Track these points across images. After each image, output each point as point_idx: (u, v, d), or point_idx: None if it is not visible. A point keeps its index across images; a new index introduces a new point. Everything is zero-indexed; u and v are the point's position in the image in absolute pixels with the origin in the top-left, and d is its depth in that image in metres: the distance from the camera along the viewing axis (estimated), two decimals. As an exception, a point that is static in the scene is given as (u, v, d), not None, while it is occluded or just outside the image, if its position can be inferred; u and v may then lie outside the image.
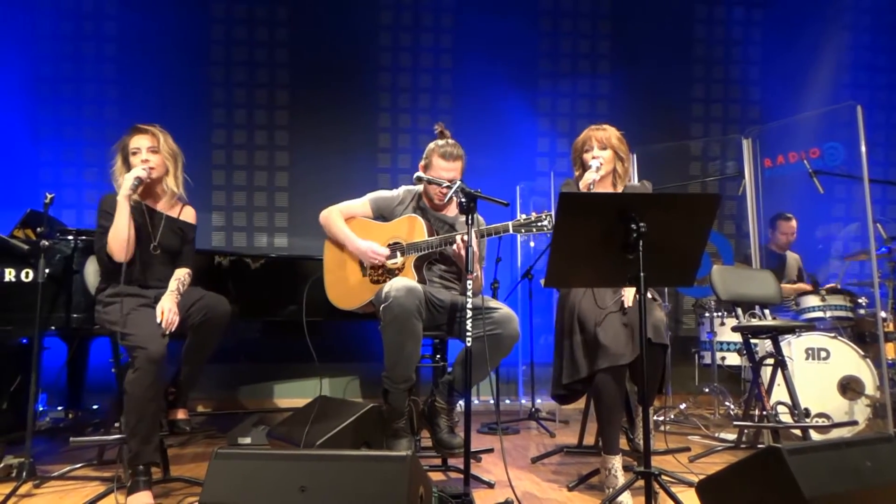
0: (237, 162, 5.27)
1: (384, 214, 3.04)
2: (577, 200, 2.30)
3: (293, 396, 4.87)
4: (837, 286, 4.59)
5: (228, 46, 5.29)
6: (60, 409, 3.83)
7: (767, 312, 3.85)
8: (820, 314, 4.30)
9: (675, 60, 5.74)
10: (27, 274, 2.83)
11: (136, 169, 2.64)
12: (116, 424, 2.67)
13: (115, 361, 2.91)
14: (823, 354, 3.80)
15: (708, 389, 4.60)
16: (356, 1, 5.40)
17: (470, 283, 2.36)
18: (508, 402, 5.20)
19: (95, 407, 3.97)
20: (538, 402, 4.62)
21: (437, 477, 2.94)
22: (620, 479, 2.53)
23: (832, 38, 5.83)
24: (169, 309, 2.55)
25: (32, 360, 2.72)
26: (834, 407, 3.72)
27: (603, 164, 2.73)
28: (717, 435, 3.92)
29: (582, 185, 2.68)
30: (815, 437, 3.41)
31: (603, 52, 5.70)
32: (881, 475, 1.85)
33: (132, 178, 2.60)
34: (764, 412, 3.35)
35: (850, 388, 3.74)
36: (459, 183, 2.50)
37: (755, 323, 3.61)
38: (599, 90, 5.68)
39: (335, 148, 5.28)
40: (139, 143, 2.70)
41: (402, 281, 2.63)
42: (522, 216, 2.65)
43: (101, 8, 5.16)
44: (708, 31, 5.83)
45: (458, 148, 2.88)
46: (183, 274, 2.78)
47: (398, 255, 2.91)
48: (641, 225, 2.11)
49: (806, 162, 4.25)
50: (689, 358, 4.87)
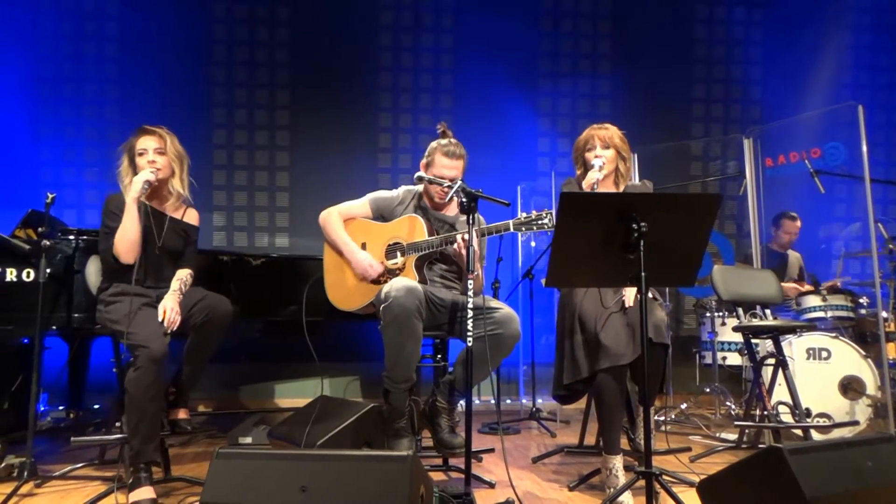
0: (238, 162, 5.28)
1: (384, 215, 3.04)
2: (577, 200, 2.30)
3: (294, 396, 4.87)
4: (838, 284, 4.60)
5: (229, 46, 5.29)
6: (61, 408, 3.83)
7: (768, 312, 3.85)
8: (821, 314, 4.30)
9: (675, 60, 5.73)
10: (28, 274, 2.83)
11: (144, 172, 2.64)
12: (117, 424, 2.67)
13: (116, 361, 2.92)
14: (824, 354, 3.80)
15: (709, 389, 4.60)
16: (357, 1, 5.40)
17: (471, 282, 2.37)
18: (509, 401, 5.20)
19: (96, 407, 3.97)
20: (539, 401, 4.62)
21: (438, 477, 2.94)
22: (621, 478, 2.53)
23: (833, 37, 5.82)
24: (171, 308, 2.56)
25: (34, 359, 2.72)
26: (835, 407, 3.72)
27: (605, 163, 2.72)
28: (718, 435, 3.92)
29: (585, 184, 2.67)
30: (816, 437, 3.41)
31: (604, 52, 5.70)
32: (882, 475, 1.85)
33: (142, 181, 2.60)
34: (765, 412, 3.35)
35: (851, 388, 3.73)
36: (461, 183, 2.50)
37: (756, 323, 3.61)
38: (600, 90, 5.67)
39: (336, 148, 5.28)
40: (146, 144, 2.71)
41: (402, 281, 2.63)
42: (523, 214, 2.65)
43: (101, 8, 5.16)
44: (709, 30, 5.82)
45: (460, 147, 2.90)
46: (185, 274, 2.79)
47: (398, 255, 2.91)
48: (642, 225, 2.11)
49: (807, 162, 4.25)
50: (690, 358, 4.87)
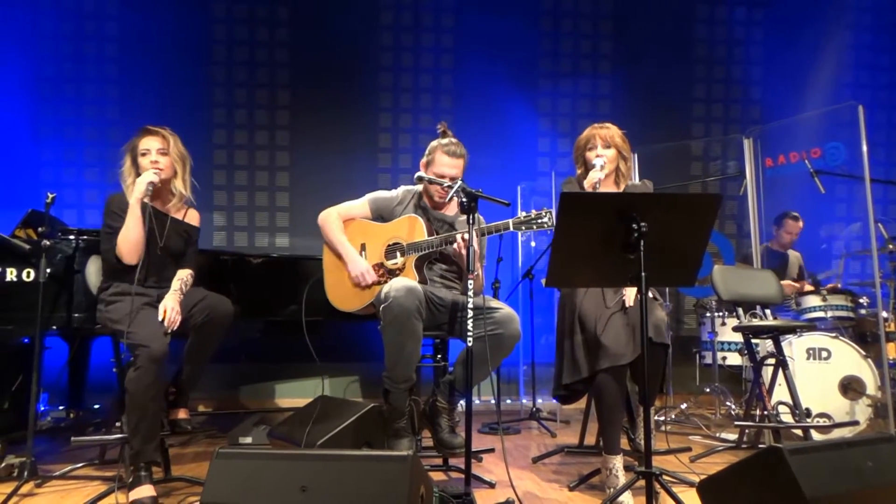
0: (238, 162, 5.28)
1: (383, 215, 3.04)
2: (577, 200, 2.30)
3: (294, 396, 4.88)
4: (838, 286, 4.60)
5: (229, 46, 5.29)
6: (62, 408, 3.83)
7: (768, 312, 3.85)
8: (821, 314, 4.30)
9: (676, 60, 5.73)
10: (28, 273, 2.83)
11: (147, 173, 2.64)
12: (118, 424, 2.67)
13: (116, 361, 2.92)
14: (824, 354, 3.80)
15: (709, 389, 4.60)
16: (357, 1, 5.40)
17: (471, 282, 2.37)
18: (509, 401, 5.20)
19: (96, 406, 3.97)
20: (539, 401, 4.62)
21: (438, 477, 2.94)
22: (621, 478, 2.53)
23: (833, 37, 5.82)
24: (172, 308, 2.57)
25: (34, 359, 2.72)
26: (835, 407, 3.72)
27: (607, 162, 2.72)
28: (718, 435, 3.92)
29: (587, 183, 2.67)
30: (816, 437, 3.41)
31: (604, 52, 5.70)
32: (882, 475, 1.85)
33: (146, 182, 2.60)
34: (765, 412, 3.35)
35: (851, 388, 3.73)
36: (461, 183, 2.50)
37: (756, 323, 3.61)
38: (600, 90, 5.67)
39: (336, 148, 5.28)
40: (149, 144, 2.71)
41: (402, 281, 2.63)
42: (522, 213, 2.65)
43: (102, 8, 5.16)
44: (709, 30, 5.82)
45: (461, 147, 2.91)
46: (186, 274, 2.80)
47: (398, 255, 2.91)
48: (642, 225, 2.11)
49: (807, 162, 4.25)
50: (690, 358, 4.87)
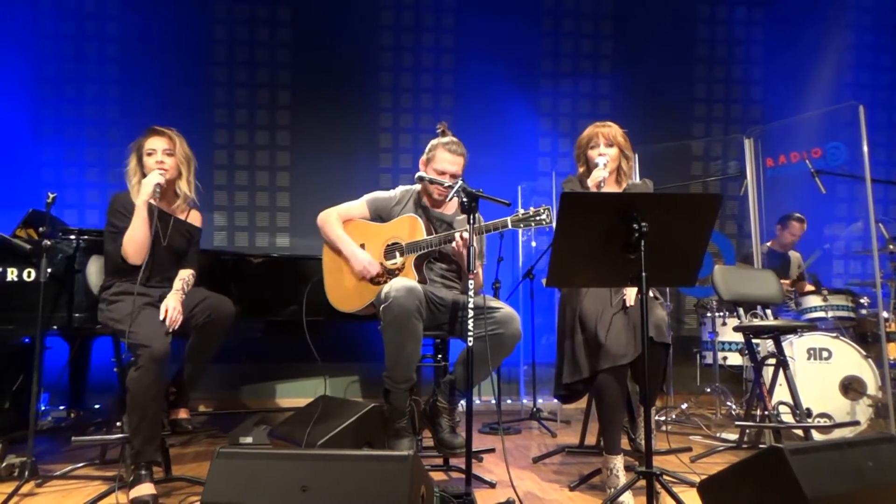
0: (239, 162, 5.28)
1: (382, 215, 3.04)
2: (578, 200, 2.30)
3: (295, 396, 4.88)
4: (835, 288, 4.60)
5: (230, 46, 5.29)
6: (62, 408, 3.83)
7: (769, 312, 3.84)
8: (822, 314, 4.30)
9: (676, 60, 5.73)
10: (29, 273, 2.83)
11: (153, 174, 2.65)
12: (118, 424, 2.67)
13: (116, 361, 2.92)
14: (825, 354, 3.80)
15: (710, 389, 4.60)
16: (357, 1, 5.40)
17: (471, 282, 2.36)
18: (510, 401, 5.20)
19: (97, 406, 3.97)
20: (539, 401, 4.62)
21: (438, 477, 2.94)
22: (622, 478, 2.53)
23: (834, 37, 5.82)
24: (173, 307, 2.57)
25: (34, 359, 2.72)
26: (836, 407, 3.72)
27: (609, 161, 2.73)
28: (718, 435, 3.92)
29: (591, 182, 2.67)
30: (816, 437, 3.41)
31: (605, 51, 5.70)
32: (883, 475, 1.85)
33: (153, 184, 2.61)
34: (766, 412, 3.35)
35: (851, 388, 3.73)
36: (461, 182, 2.50)
37: (757, 323, 3.61)
38: (601, 90, 5.67)
39: (336, 148, 5.28)
40: (155, 144, 2.72)
41: (402, 281, 2.63)
42: (521, 211, 2.65)
43: (102, 8, 5.16)
44: (710, 30, 5.82)
45: (461, 146, 2.93)
46: (187, 274, 2.80)
47: (397, 255, 2.91)
48: (643, 225, 2.11)
49: (808, 162, 4.24)
50: (690, 358, 4.87)
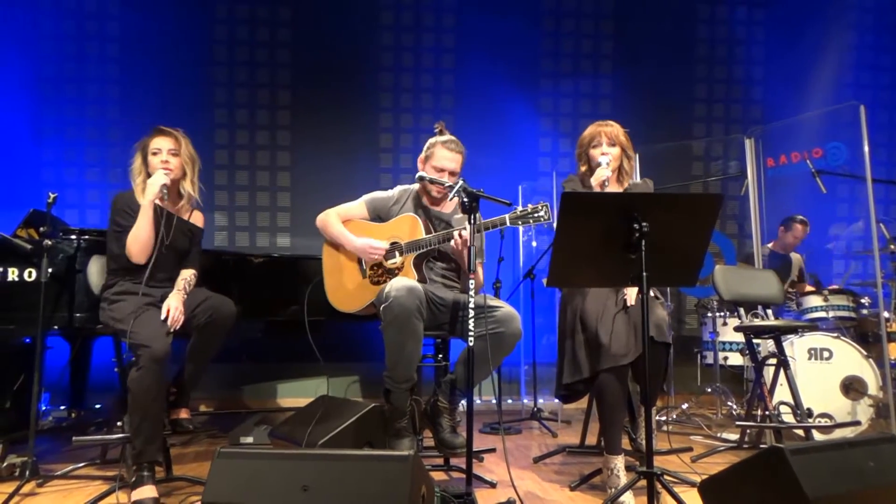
0: (239, 162, 5.28)
1: (380, 215, 3.05)
2: (579, 200, 2.30)
3: (295, 396, 4.88)
4: (841, 287, 4.59)
5: (230, 46, 5.30)
6: (63, 408, 3.84)
7: (770, 312, 3.84)
8: (822, 314, 4.29)
9: (677, 60, 5.73)
10: (30, 273, 2.83)
11: (158, 174, 2.66)
12: (119, 424, 2.67)
13: (117, 361, 2.92)
14: (826, 354, 3.79)
15: (710, 389, 4.60)
16: (358, 1, 5.40)
17: (472, 281, 2.36)
18: (510, 401, 5.20)
19: (98, 406, 3.97)
20: (540, 401, 4.62)
21: (439, 477, 2.94)
22: (623, 478, 2.53)
23: (835, 37, 5.81)
24: (175, 307, 2.58)
25: (35, 359, 2.72)
26: (836, 407, 3.72)
27: (612, 160, 2.74)
28: (719, 435, 3.92)
29: (595, 182, 2.67)
30: (817, 437, 3.41)
31: (605, 51, 5.70)
32: (884, 475, 1.85)
33: (159, 185, 2.62)
34: (766, 412, 3.35)
35: (852, 388, 3.73)
36: (462, 182, 2.50)
37: (758, 323, 3.61)
38: (602, 90, 5.67)
39: (337, 148, 5.29)
40: (161, 144, 2.73)
41: (402, 281, 2.63)
42: (519, 208, 2.65)
43: (103, 8, 5.17)
44: (710, 30, 5.82)
45: (459, 144, 2.94)
46: (189, 274, 2.81)
47: (397, 254, 2.91)
48: (644, 225, 2.11)
49: (809, 162, 4.24)
50: (691, 358, 4.87)
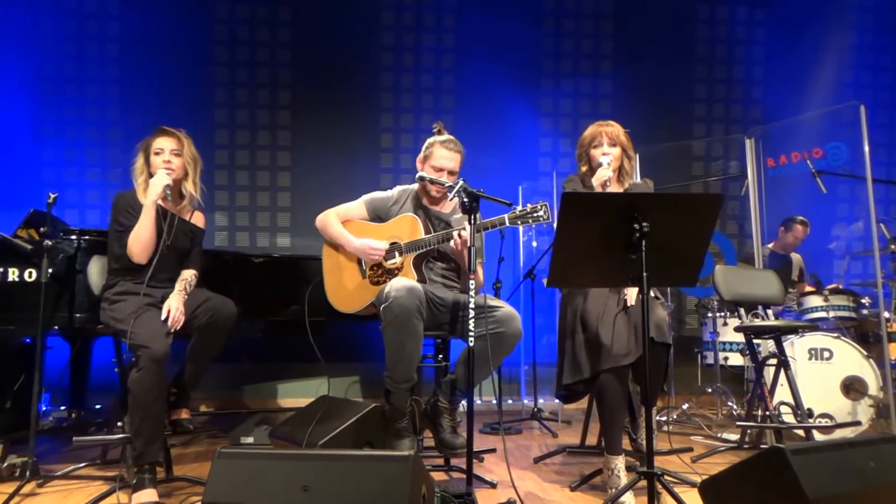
0: (240, 162, 5.28)
1: (380, 215, 3.05)
2: (579, 200, 2.30)
3: (296, 396, 4.88)
4: (839, 286, 4.59)
5: (231, 47, 5.30)
6: (63, 408, 3.84)
7: (770, 313, 3.84)
8: (823, 314, 4.29)
9: (677, 60, 5.73)
10: (30, 273, 2.83)
11: (160, 175, 2.66)
12: (119, 424, 2.67)
13: (117, 361, 2.92)
14: (826, 355, 3.79)
15: (711, 390, 4.60)
16: (358, 1, 5.40)
17: (472, 281, 2.36)
18: (511, 402, 5.21)
19: (98, 406, 3.97)
20: (540, 402, 4.62)
21: (439, 477, 2.94)
22: (623, 479, 2.52)
23: (835, 37, 5.81)
24: (176, 308, 2.58)
25: (35, 359, 2.72)
26: (837, 407, 3.72)
27: (613, 160, 2.74)
28: (719, 435, 3.91)
29: (597, 182, 2.67)
30: (818, 437, 3.41)
31: (605, 52, 5.70)
32: (885, 476, 1.85)
33: (162, 185, 2.62)
34: (767, 412, 3.34)
35: (853, 388, 3.73)
36: (462, 182, 2.49)
37: (758, 323, 3.60)
38: (602, 90, 5.67)
39: (337, 148, 5.29)
40: (163, 144, 2.73)
41: (402, 281, 2.63)
42: (518, 208, 2.65)
43: (103, 8, 5.17)
44: (710, 30, 5.82)
45: (458, 143, 2.94)
46: (190, 275, 2.81)
47: (396, 254, 2.91)
48: (644, 225, 2.11)
49: (809, 162, 4.24)
50: (691, 358, 4.87)
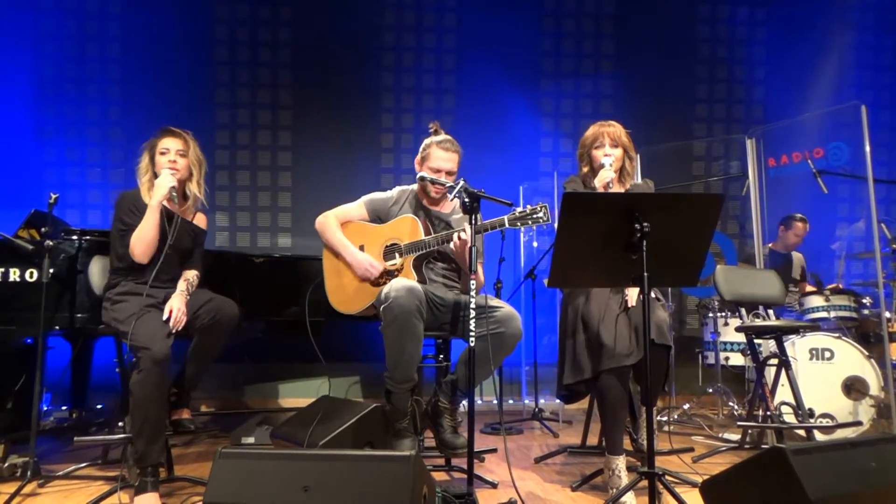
0: (241, 162, 5.28)
1: (380, 216, 3.05)
2: (580, 200, 2.30)
3: (296, 396, 4.88)
4: (840, 286, 4.58)
5: (232, 47, 5.30)
6: (65, 408, 3.84)
7: (771, 313, 3.84)
8: (824, 314, 4.28)
9: (678, 60, 5.72)
10: (31, 274, 2.83)
11: (165, 175, 2.66)
12: (120, 424, 2.67)
13: (118, 361, 2.92)
14: (827, 355, 3.79)
15: (712, 390, 4.60)
16: (359, 1, 5.41)
17: (473, 282, 2.36)
18: (512, 402, 5.20)
19: (99, 406, 3.98)
20: (541, 402, 4.62)
21: (440, 477, 2.94)
22: (624, 479, 2.52)
23: (836, 37, 5.81)
24: (178, 308, 2.58)
25: (37, 359, 2.72)
26: (838, 407, 3.71)
27: (614, 161, 2.74)
28: (720, 435, 3.91)
29: (599, 183, 2.67)
30: (819, 437, 3.41)
31: (606, 51, 5.69)
32: (886, 476, 1.84)
33: (167, 186, 2.63)
34: (768, 412, 3.34)
35: (854, 388, 3.73)
36: (462, 183, 2.49)
37: (759, 323, 3.60)
38: (603, 90, 5.67)
39: (338, 148, 5.29)
40: (169, 144, 2.74)
41: (402, 281, 2.63)
42: (518, 209, 2.65)
43: (105, 8, 5.17)
44: (711, 30, 5.81)
45: (455, 143, 2.94)
46: (192, 275, 2.81)
47: (397, 255, 2.91)
48: (645, 225, 2.11)
49: (810, 162, 4.23)
50: (692, 358, 4.87)
